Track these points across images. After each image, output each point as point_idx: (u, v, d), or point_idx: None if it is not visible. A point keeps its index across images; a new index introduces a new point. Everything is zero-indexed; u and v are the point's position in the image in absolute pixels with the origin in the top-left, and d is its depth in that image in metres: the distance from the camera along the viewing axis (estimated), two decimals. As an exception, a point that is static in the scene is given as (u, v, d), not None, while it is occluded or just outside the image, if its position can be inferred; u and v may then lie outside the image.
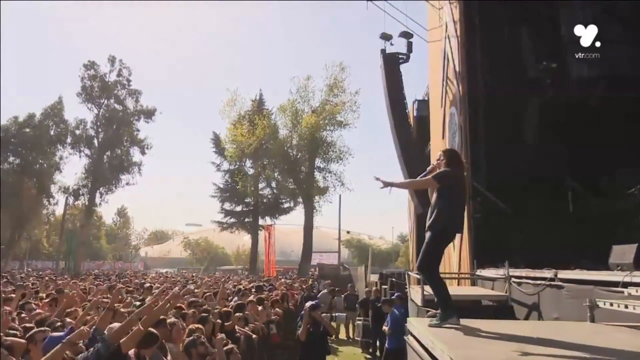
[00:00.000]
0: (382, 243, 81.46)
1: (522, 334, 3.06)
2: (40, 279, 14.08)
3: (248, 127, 36.24)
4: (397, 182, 4.26)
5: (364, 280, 19.02)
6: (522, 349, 2.44)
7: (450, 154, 4.21)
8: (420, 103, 17.93)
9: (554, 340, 2.75)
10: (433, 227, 3.89)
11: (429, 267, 4.00)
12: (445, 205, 3.87)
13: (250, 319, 6.69)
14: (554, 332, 3.15)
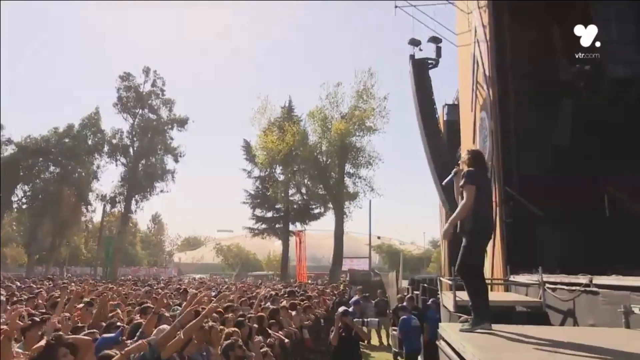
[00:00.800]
0: (413, 248, 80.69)
1: (555, 340, 3.07)
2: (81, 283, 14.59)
3: (278, 133, 36.60)
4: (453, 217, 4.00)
5: (395, 286, 18.97)
6: (554, 355, 2.47)
7: (475, 154, 4.23)
8: (450, 107, 17.82)
9: (586, 346, 2.76)
10: (470, 229, 3.88)
11: (467, 271, 3.97)
12: (479, 206, 3.87)
13: (284, 324, 6.82)
14: (587, 338, 3.15)
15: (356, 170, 37.49)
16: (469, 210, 3.79)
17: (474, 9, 11.80)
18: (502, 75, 9.85)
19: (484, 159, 4.29)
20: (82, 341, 3.22)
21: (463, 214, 3.80)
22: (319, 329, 8.95)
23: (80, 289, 7.35)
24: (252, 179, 44.35)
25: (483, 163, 4.20)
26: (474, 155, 4.15)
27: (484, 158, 4.32)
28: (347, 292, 17.44)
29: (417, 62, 14.35)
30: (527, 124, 9.44)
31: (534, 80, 9.71)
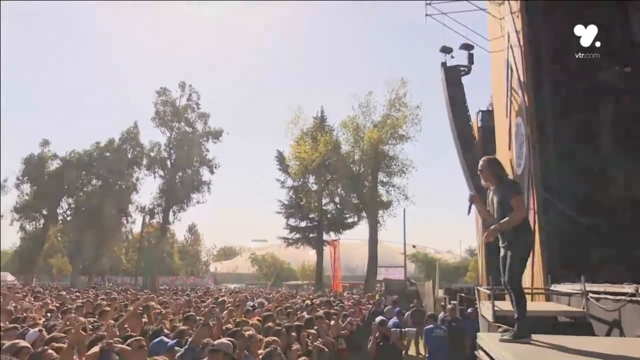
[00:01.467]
0: (449, 257, 79.28)
1: (598, 351, 3.02)
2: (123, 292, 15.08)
3: (311, 143, 36.87)
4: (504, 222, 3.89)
5: (431, 296, 18.72)
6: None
7: (498, 163, 4.21)
8: (485, 114, 17.59)
9: (629, 357, 2.71)
10: (515, 239, 3.85)
11: (518, 283, 3.94)
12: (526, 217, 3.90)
13: (321, 333, 6.87)
14: (631, 349, 3.08)
15: (389, 179, 37.35)
16: (521, 220, 3.78)
17: (506, 15, 11.69)
18: (537, 80, 9.70)
19: (501, 164, 4.27)
20: (128, 349, 3.38)
21: (515, 223, 3.77)
22: (355, 338, 8.94)
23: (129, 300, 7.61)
24: (285, 188, 44.77)
25: (503, 167, 4.18)
26: (497, 163, 4.12)
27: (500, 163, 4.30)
28: (383, 302, 17.33)
29: (449, 70, 14.30)
30: (565, 129, 9.24)
31: (571, 84, 9.50)
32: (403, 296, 18.04)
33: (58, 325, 5.15)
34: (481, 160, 4.21)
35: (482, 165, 4.09)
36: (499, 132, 13.26)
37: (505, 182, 3.96)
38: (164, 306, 8.79)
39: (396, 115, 35.61)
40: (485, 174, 4.03)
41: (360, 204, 38.08)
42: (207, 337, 3.88)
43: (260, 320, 6.44)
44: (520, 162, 10.67)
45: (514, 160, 11.33)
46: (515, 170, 11.00)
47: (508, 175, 4.15)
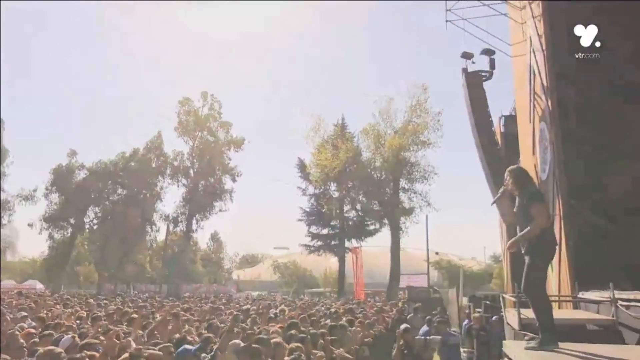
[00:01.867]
0: (473, 264, 78.13)
1: (626, 359, 2.98)
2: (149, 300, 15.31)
3: (332, 151, 36.92)
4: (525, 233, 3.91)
5: (456, 304, 18.49)
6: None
7: (523, 172, 4.22)
8: (508, 119, 17.40)
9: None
10: (535, 247, 3.87)
11: (534, 289, 3.95)
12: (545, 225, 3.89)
13: (344, 341, 6.88)
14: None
15: (411, 185, 37.16)
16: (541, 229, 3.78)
17: (528, 19, 11.61)
18: (560, 84, 9.58)
19: (529, 174, 4.28)
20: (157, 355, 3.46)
21: (536, 232, 3.78)
22: (379, 346, 8.91)
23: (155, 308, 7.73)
24: (307, 196, 44.89)
25: (531, 178, 4.19)
26: (522, 172, 4.14)
27: (528, 173, 4.31)
28: (406, 310, 17.20)
29: (470, 75, 14.23)
30: (590, 133, 9.09)
31: (596, 87, 9.35)
32: (426, 304, 17.87)
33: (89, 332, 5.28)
34: (506, 171, 4.24)
35: (506, 176, 4.14)
36: (523, 137, 13.12)
37: (527, 190, 3.96)
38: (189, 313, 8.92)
39: (417, 121, 35.47)
40: (513, 181, 4.05)
41: (381, 211, 37.92)
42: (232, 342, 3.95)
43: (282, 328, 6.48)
44: (545, 168, 10.54)
45: (538, 166, 11.19)
46: (540, 176, 10.86)
47: (532, 184, 4.15)
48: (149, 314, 8.21)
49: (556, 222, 9.32)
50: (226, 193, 45.80)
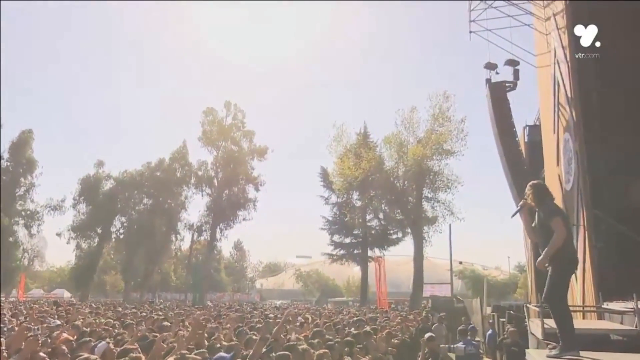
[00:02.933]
0: (497, 274, 77.05)
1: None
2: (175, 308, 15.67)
3: (354, 160, 37.02)
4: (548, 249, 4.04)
5: (479, 313, 18.38)
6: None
7: (541, 187, 4.37)
8: (532, 129, 17.35)
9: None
10: (557, 258, 4.00)
11: (555, 299, 4.08)
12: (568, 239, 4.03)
13: (370, 349, 7.03)
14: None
15: (434, 194, 36.85)
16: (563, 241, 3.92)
17: (552, 30, 11.66)
18: (585, 95, 9.61)
19: (548, 189, 4.42)
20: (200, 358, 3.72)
21: (559, 245, 3.92)
22: (403, 355, 9.00)
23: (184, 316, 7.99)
24: (329, 205, 45.02)
25: (550, 193, 4.33)
26: (540, 187, 4.29)
27: (548, 188, 4.45)
28: (430, 319, 17.19)
29: (494, 86, 14.26)
30: (614, 144, 9.10)
31: (620, 98, 9.36)
32: (450, 313, 17.82)
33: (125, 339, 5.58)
34: (529, 185, 4.40)
35: (527, 190, 4.29)
36: (547, 148, 13.10)
37: (546, 205, 4.10)
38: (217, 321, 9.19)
39: (440, 130, 35.27)
40: (531, 196, 4.21)
41: (404, 220, 37.79)
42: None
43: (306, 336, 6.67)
44: (570, 178, 10.54)
45: (562, 176, 11.19)
46: (565, 187, 10.86)
47: (552, 199, 4.29)
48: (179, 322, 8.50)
49: (580, 232, 9.33)
50: (250, 202, 46.30)
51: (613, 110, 9.33)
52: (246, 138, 47.11)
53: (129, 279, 47.47)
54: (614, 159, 9.00)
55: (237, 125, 47.00)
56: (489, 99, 14.21)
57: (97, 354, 4.57)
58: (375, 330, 8.58)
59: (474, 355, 8.29)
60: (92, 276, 45.63)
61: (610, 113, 9.30)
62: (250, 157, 46.83)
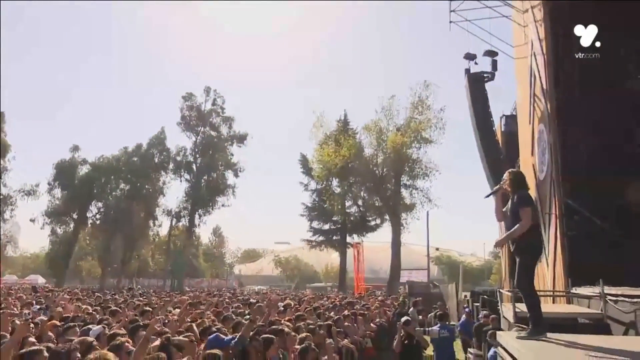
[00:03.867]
0: (473, 260, 78.71)
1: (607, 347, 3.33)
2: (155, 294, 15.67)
3: (334, 147, 37.22)
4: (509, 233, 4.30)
5: (455, 298, 18.89)
6: (602, 357, 2.76)
7: (519, 176, 4.56)
8: (509, 118, 17.71)
9: (633, 352, 3.02)
10: (525, 247, 4.23)
11: (525, 284, 4.29)
12: (534, 225, 4.24)
13: (349, 333, 7.24)
14: (637, 346, 3.38)
15: (413, 182, 37.44)
16: (525, 231, 4.13)
17: (530, 22, 11.87)
18: (560, 88, 9.88)
19: (525, 179, 4.61)
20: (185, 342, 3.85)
21: (519, 233, 4.14)
22: (381, 338, 9.27)
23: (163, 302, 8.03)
24: (309, 191, 45.18)
25: (526, 183, 4.52)
26: (519, 176, 4.47)
27: (525, 178, 4.63)
28: (407, 304, 17.59)
29: (472, 76, 14.50)
30: (588, 137, 9.42)
31: (594, 92, 9.67)
32: (426, 298, 18.25)
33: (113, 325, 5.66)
34: (508, 172, 4.57)
35: (505, 176, 4.46)
36: (522, 138, 13.42)
37: (520, 193, 4.30)
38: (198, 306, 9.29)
39: (419, 118, 35.73)
40: (509, 183, 4.39)
41: (383, 207, 38.27)
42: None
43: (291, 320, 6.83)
44: (543, 168, 10.85)
45: (536, 166, 11.51)
46: (538, 176, 11.18)
47: (526, 189, 4.48)
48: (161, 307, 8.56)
49: (552, 220, 9.67)
50: (229, 188, 46.16)
51: (587, 103, 9.64)
52: (225, 124, 46.81)
53: (106, 265, 47.00)
54: (586, 151, 9.32)
55: (217, 110, 46.62)
56: (467, 89, 14.46)
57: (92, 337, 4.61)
58: (355, 314, 8.81)
59: (447, 339, 8.58)
60: (68, 262, 45.08)
61: (584, 106, 9.61)
62: (229, 143, 46.56)
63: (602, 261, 8.14)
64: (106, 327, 5.19)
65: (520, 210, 4.19)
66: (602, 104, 9.53)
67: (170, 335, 3.73)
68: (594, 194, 9.05)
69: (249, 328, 4.29)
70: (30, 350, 3.20)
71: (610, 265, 7.82)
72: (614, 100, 9.55)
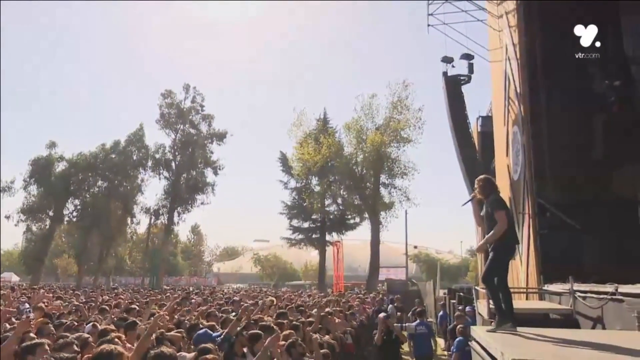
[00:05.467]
0: (450, 257, 79.96)
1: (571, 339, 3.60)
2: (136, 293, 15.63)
3: (314, 145, 37.42)
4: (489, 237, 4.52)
5: (432, 295, 19.29)
6: (564, 347, 3.02)
7: (488, 182, 4.82)
8: (485, 119, 18.16)
9: (595, 343, 3.29)
10: (498, 245, 4.47)
11: (491, 279, 4.58)
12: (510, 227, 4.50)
13: (330, 329, 7.45)
14: (600, 338, 3.66)
15: (391, 181, 37.92)
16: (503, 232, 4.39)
17: (504, 27, 12.25)
18: (533, 91, 10.26)
19: (495, 183, 4.87)
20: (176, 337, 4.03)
21: (498, 236, 4.40)
22: (360, 334, 9.51)
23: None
24: (288, 189, 45.23)
25: (495, 187, 4.79)
26: (487, 182, 4.73)
27: (494, 183, 4.88)
28: (386, 302, 17.91)
29: (449, 79, 14.86)
30: (559, 138, 9.80)
31: (565, 96, 10.07)
32: (405, 296, 18.61)
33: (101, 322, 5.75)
34: (477, 179, 4.82)
35: (477, 183, 4.71)
36: (497, 139, 13.82)
37: (492, 198, 4.56)
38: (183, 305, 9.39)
39: (398, 117, 36.18)
40: (479, 190, 4.64)
41: (362, 205, 38.64)
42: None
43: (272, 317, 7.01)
44: (517, 169, 11.23)
45: (511, 167, 11.90)
46: (512, 176, 11.56)
47: (497, 193, 4.74)
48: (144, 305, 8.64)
49: (526, 220, 10.04)
50: (208, 186, 45.86)
51: (559, 107, 10.04)
52: (205, 121, 46.51)
53: (83, 262, 46.30)
54: (558, 152, 9.70)
55: (196, 108, 46.29)
56: (444, 91, 14.82)
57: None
58: (336, 311, 9.03)
59: (425, 335, 8.88)
60: (44, 260, 44.24)
61: (556, 109, 10.00)
62: (209, 141, 46.29)
63: (572, 259, 8.54)
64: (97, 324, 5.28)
65: (495, 213, 4.44)
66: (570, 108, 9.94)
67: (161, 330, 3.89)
68: (565, 194, 9.44)
69: (235, 325, 4.46)
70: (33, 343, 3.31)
71: (582, 262, 8.22)
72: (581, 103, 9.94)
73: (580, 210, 9.22)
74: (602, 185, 9.37)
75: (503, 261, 4.58)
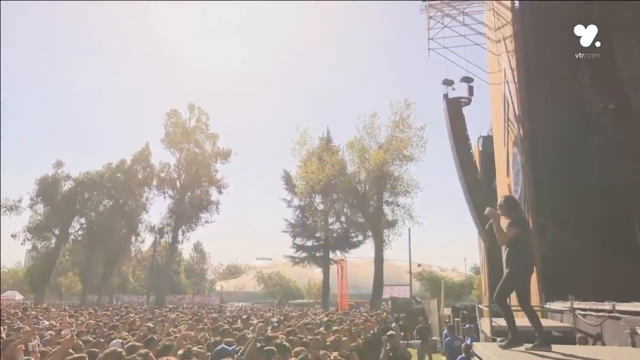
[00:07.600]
0: (454, 275, 79.36)
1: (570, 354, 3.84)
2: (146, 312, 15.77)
3: (317, 164, 37.73)
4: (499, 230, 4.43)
5: (437, 314, 19.37)
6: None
7: (511, 202, 4.75)
8: (485, 139, 18.50)
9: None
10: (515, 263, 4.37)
11: (503, 299, 4.50)
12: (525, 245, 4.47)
13: (337, 347, 7.66)
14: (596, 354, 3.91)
15: (395, 199, 38.12)
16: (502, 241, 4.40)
17: (502, 52, 12.67)
18: (531, 114, 10.62)
19: (518, 204, 4.90)
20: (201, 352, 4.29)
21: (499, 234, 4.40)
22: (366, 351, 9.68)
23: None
24: (292, 208, 45.41)
25: (518, 208, 4.78)
26: (506, 201, 4.67)
27: (518, 203, 4.92)
28: (390, 320, 17.99)
29: (450, 102, 15.26)
30: (557, 159, 10.12)
31: (562, 118, 10.41)
32: (409, 314, 18.67)
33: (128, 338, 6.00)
34: (501, 197, 4.87)
35: (500, 202, 4.70)
36: (498, 159, 14.14)
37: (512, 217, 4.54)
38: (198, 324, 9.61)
39: (401, 136, 36.52)
40: (501, 209, 4.61)
41: (365, 223, 38.78)
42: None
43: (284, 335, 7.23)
44: (517, 189, 11.53)
45: (511, 186, 12.20)
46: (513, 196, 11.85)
47: (519, 212, 4.75)
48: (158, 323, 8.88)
49: (527, 239, 10.27)
50: (212, 204, 46.18)
51: (557, 128, 10.37)
52: (209, 141, 47.03)
53: (87, 281, 46.37)
54: (557, 172, 10.00)
55: (201, 127, 46.84)
56: (445, 113, 15.19)
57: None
58: (342, 330, 9.23)
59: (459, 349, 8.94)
60: (49, 278, 44.37)
61: (554, 130, 10.33)
62: (213, 160, 46.74)
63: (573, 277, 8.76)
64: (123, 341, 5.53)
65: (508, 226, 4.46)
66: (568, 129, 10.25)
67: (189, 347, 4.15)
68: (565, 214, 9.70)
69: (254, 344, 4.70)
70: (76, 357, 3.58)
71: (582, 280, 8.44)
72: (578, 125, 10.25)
73: (580, 229, 9.46)
74: (600, 205, 9.62)
75: (518, 280, 4.49)
